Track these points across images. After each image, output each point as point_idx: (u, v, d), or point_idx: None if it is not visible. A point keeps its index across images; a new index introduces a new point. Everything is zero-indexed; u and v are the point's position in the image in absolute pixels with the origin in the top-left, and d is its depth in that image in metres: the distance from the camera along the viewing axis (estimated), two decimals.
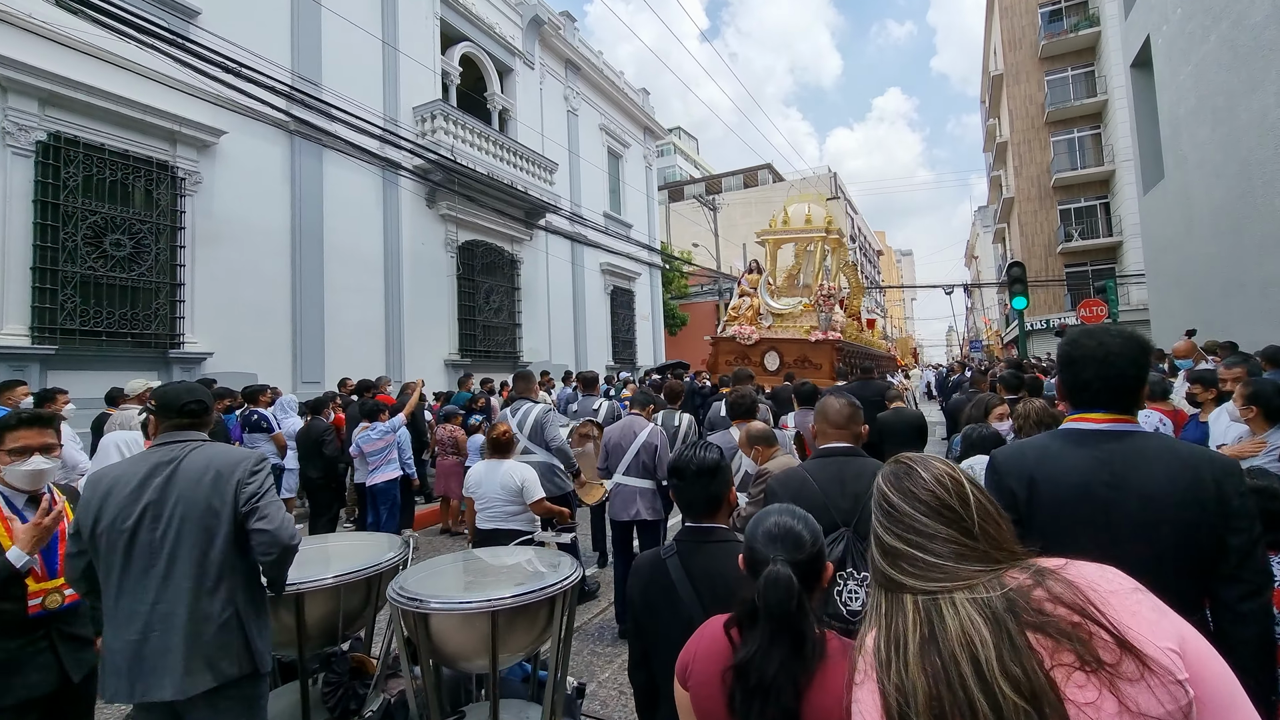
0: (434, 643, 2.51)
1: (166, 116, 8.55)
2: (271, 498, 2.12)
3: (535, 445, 5.13)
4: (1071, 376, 1.65)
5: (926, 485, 0.98)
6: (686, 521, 1.88)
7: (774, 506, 1.45)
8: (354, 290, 11.33)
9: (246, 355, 9.45)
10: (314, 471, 6.69)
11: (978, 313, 54.65)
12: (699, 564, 1.75)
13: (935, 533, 0.93)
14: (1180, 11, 10.83)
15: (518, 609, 2.49)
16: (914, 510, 0.96)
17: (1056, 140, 28.26)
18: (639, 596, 1.82)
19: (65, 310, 7.62)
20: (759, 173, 48.70)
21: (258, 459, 2.19)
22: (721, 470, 1.87)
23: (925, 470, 1.00)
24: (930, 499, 0.96)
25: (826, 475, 2.29)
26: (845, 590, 2.12)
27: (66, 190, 7.71)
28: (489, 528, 3.86)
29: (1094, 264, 27.21)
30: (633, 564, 1.91)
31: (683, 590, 1.72)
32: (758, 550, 1.33)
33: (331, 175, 11.00)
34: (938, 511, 0.95)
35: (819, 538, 1.37)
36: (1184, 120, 11.09)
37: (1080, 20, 27.44)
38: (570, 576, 2.67)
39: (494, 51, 15.21)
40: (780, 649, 1.20)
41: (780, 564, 1.26)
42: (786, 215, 11.51)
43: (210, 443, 2.24)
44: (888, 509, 1.00)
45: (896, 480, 1.01)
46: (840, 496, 2.22)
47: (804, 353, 9.83)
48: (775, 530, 1.34)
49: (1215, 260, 10.22)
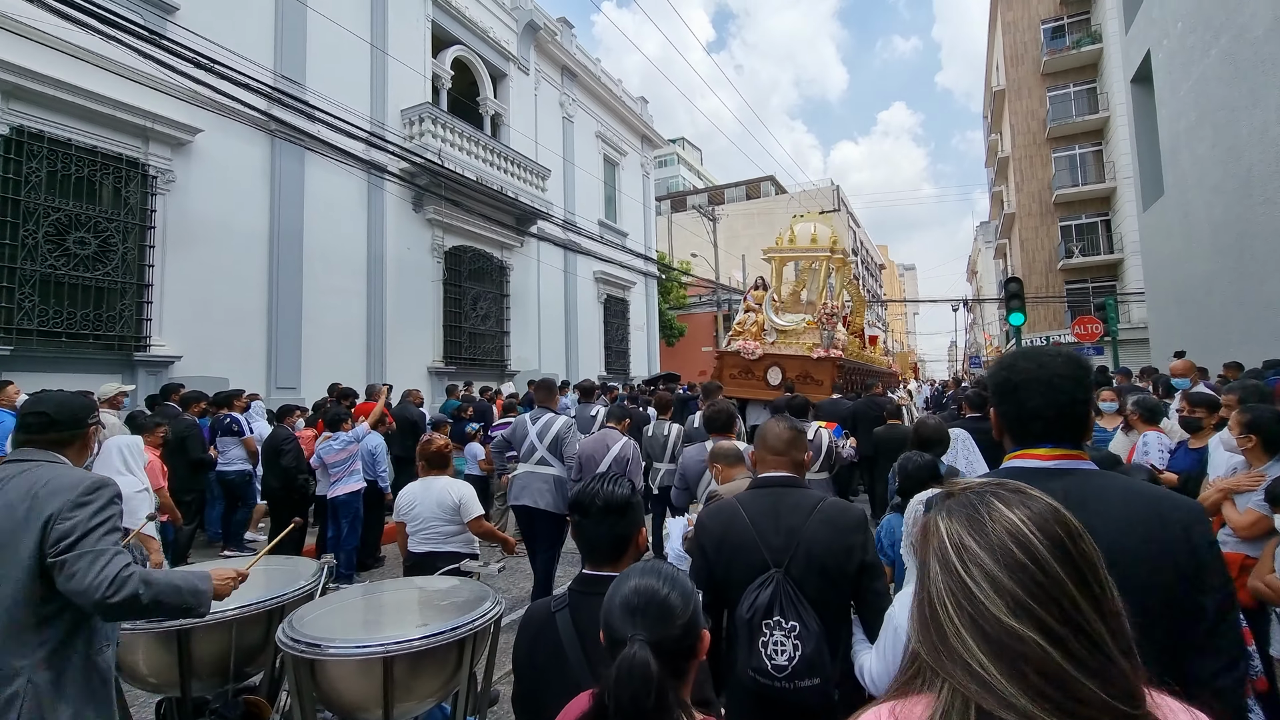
0: (324, 691, 2.23)
1: (138, 113, 8.33)
2: (91, 543, 1.72)
3: (553, 458, 5.04)
4: (1015, 406, 1.39)
5: (1063, 526, 0.68)
6: (584, 568, 1.61)
7: (637, 565, 1.18)
8: (334, 294, 11.08)
9: (218, 359, 9.18)
10: (274, 481, 6.43)
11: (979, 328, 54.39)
12: (592, 621, 1.45)
13: (1083, 620, 0.64)
14: (1181, 26, 10.63)
15: (423, 653, 2.21)
16: (1052, 569, 0.66)
17: (1058, 156, 28.08)
18: (524, 657, 1.56)
19: (23, 310, 7.37)
20: (762, 184, 48.61)
21: (92, 486, 1.82)
22: (631, 509, 1.62)
23: (1039, 499, 0.71)
24: (1069, 548, 0.67)
25: (759, 508, 1.99)
26: (771, 641, 1.83)
27: (29, 186, 7.48)
28: (424, 550, 3.58)
29: (1094, 281, 26.96)
30: (523, 616, 1.64)
31: (571, 652, 1.46)
32: (613, 626, 1.07)
33: (313, 176, 10.78)
34: (1081, 579, 0.66)
35: (692, 602, 1.10)
36: (1184, 136, 10.86)
37: (1082, 37, 27.33)
38: (487, 615, 2.39)
39: (487, 56, 15.04)
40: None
41: (638, 645, 1.00)
42: (793, 234, 11.61)
43: (55, 465, 1.89)
44: (1005, 555, 0.67)
45: (1004, 508, 0.70)
46: (773, 532, 1.93)
47: (806, 369, 9.94)
48: (635, 599, 1.07)
49: (1215, 278, 9.96)
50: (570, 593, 1.57)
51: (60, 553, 1.70)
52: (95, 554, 1.72)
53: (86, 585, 1.68)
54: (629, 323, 20.85)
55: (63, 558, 1.69)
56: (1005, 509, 0.70)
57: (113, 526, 1.81)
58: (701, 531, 2.06)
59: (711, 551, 1.99)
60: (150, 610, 1.81)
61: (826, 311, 10.49)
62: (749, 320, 11.13)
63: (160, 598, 1.81)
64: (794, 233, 11.66)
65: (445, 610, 2.50)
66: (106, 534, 1.78)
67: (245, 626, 2.54)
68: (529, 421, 5.20)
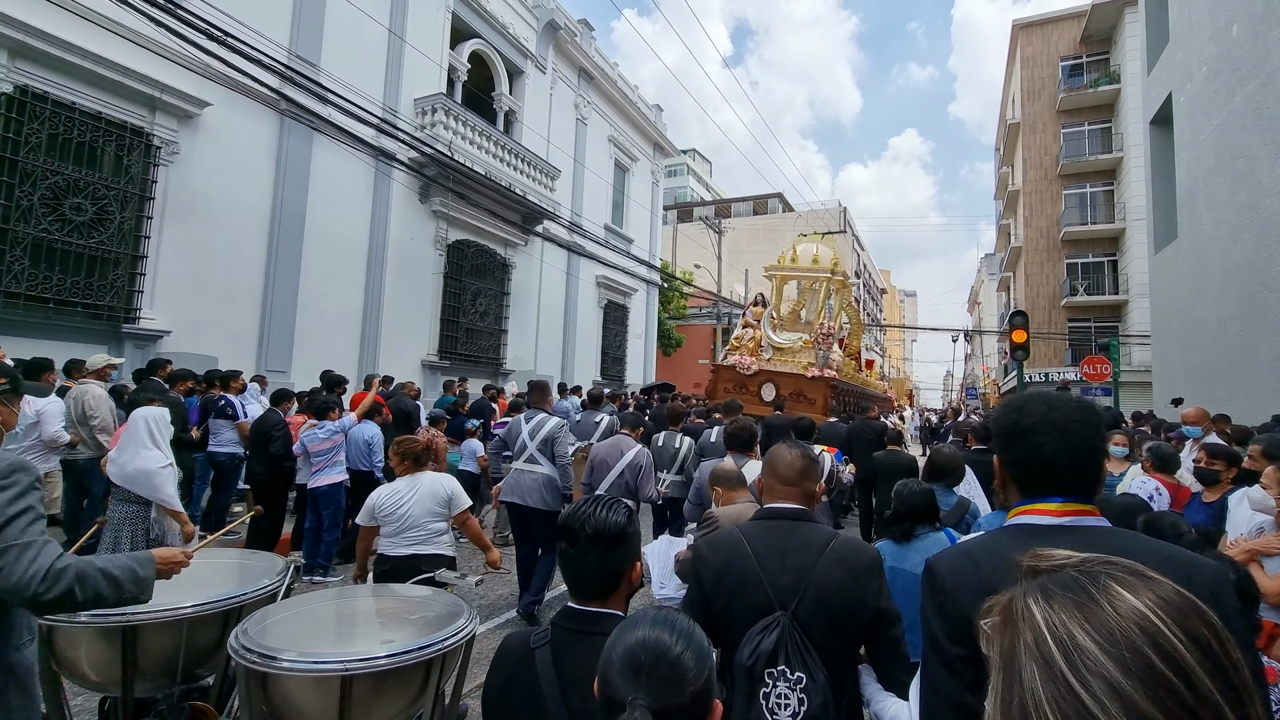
0: (275, 705, 2.05)
1: (147, 81, 8.18)
2: (14, 534, 1.54)
3: (543, 457, 5.14)
4: (1026, 452, 1.23)
5: (1205, 622, 0.51)
6: (571, 601, 1.41)
7: (648, 614, 0.99)
8: (333, 279, 10.91)
9: (208, 337, 8.99)
10: (259, 467, 6.28)
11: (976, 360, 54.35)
12: (577, 662, 1.28)
13: None
14: (1205, 70, 10.56)
15: (385, 672, 2.03)
16: (1200, 680, 0.48)
17: (1069, 193, 28.07)
18: (495, 696, 1.37)
19: (12, 272, 7.18)
20: (769, 201, 48.64)
21: (7, 470, 1.61)
22: (625, 540, 1.40)
23: (1164, 584, 0.54)
24: (1215, 652, 0.50)
25: (765, 543, 1.80)
26: (774, 693, 1.64)
27: (28, 147, 7.31)
28: (406, 552, 3.38)
29: (1097, 321, 26.90)
30: (498, 650, 1.45)
31: (550, 696, 1.28)
32: (612, 682, 0.90)
33: (320, 159, 10.62)
34: (1232, 691, 0.49)
35: (707, 666, 0.92)
36: (1202, 181, 10.77)
37: (1101, 76, 27.38)
38: (459, 634, 2.21)
39: (505, 51, 14.94)
40: None
41: (639, 713, 0.84)
42: (795, 253, 11.74)
43: None
44: (1144, 662, 0.49)
45: (1129, 595, 0.53)
46: (780, 571, 1.73)
47: (799, 387, 10.05)
48: (641, 654, 0.90)
49: (1225, 326, 9.84)
50: (553, 628, 1.38)
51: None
52: (22, 547, 1.55)
53: (16, 582, 1.52)
54: (628, 329, 20.70)
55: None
56: (1129, 595, 0.52)
57: (36, 515, 1.63)
58: (700, 563, 1.86)
59: (709, 586, 1.81)
60: (88, 604, 1.66)
61: (823, 332, 10.65)
62: (746, 336, 11.30)
63: (99, 590, 1.65)
64: (796, 252, 11.78)
65: (415, 625, 2.33)
66: (31, 523, 1.60)
67: (198, 626, 2.35)
68: (523, 421, 5.28)
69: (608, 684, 0.92)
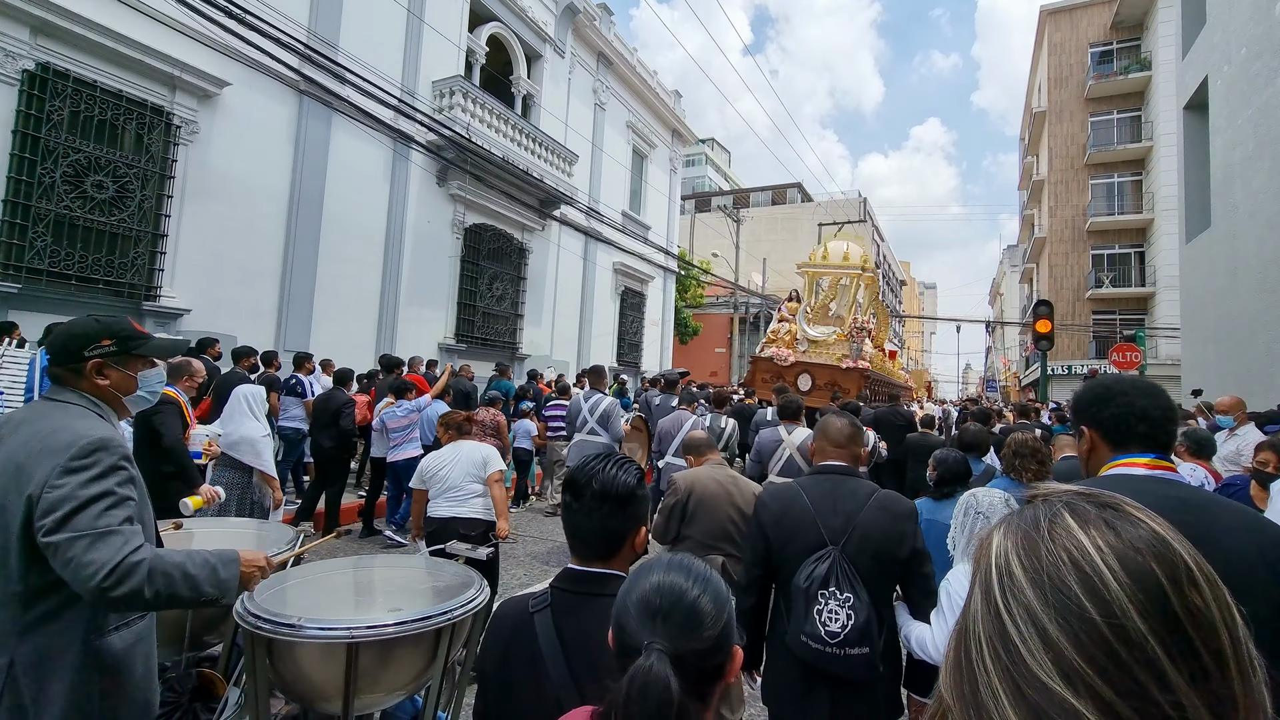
0: (281, 673, 2.01)
1: (168, 60, 8.18)
2: (87, 521, 1.43)
3: (600, 429, 6.17)
4: (1124, 408, 1.40)
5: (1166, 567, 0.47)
6: (571, 562, 1.35)
7: (663, 558, 0.95)
8: (350, 261, 10.92)
9: (228, 316, 9.04)
10: (327, 441, 6.69)
11: (997, 352, 53.62)
12: (579, 626, 1.23)
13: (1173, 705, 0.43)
14: (1245, 52, 10.19)
15: (393, 640, 1.98)
16: (1134, 626, 0.44)
17: (1095, 183, 27.47)
18: (494, 665, 1.30)
19: (35, 248, 7.24)
20: (788, 191, 48.12)
21: (88, 448, 1.51)
22: (633, 501, 1.33)
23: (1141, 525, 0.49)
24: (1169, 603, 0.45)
25: (819, 492, 2.16)
26: (826, 609, 1.97)
27: (50, 124, 7.34)
28: (447, 514, 3.73)
29: (1123, 313, 26.37)
30: (495, 612, 1.39)
31: (551, 661, 1.21)
32: (627, 628, 0.87)
33: (339, 141, 10.61)
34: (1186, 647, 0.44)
35: (726, 611, 0.90)
36: (1239, 166, 10.43)
37: (1131, 63, 26.69)
38: (470, 604, 2.16)
39: (524, 35, 14.82)
40: None
41: (656, 657, 0.81)
42: (826, 251, 12.46)
43: (66, 410, 1.60)
44: (1060, 600, 0.47)
45: (1079, 531, 0.49)
46: (831, 514, 2.09)
47: (834, 377, 10.65)
48: (656, 599, 0.87)
49: (1261, 317, 9.55)
50: (552, 590, 1.31)
51: (49, 531, 1.42)
52: (93, 536, 1.43)
53: (82, 575, 1.41)
54: (644, 316, 20.60)
55: (54, 539, 1.42)
56: (1076, 528, 0.49)
57: (116, 499, 1.51)
58: (762, 508, 2.24)
59: (770, 528, 2.16)
60: (162, 603, 1.52)
61: (857, 325, 11.29)
62: (782, 329, 11.96)
63: (174, 590, 1.51)
64: (827, 250, 12.50)
65: (425, 595, 2.28)
66: (108, 509, 1.48)
67: None
68: (582, 400, 6.37)
69: (623, 630, 0.88)
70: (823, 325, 11.89)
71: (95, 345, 1.68)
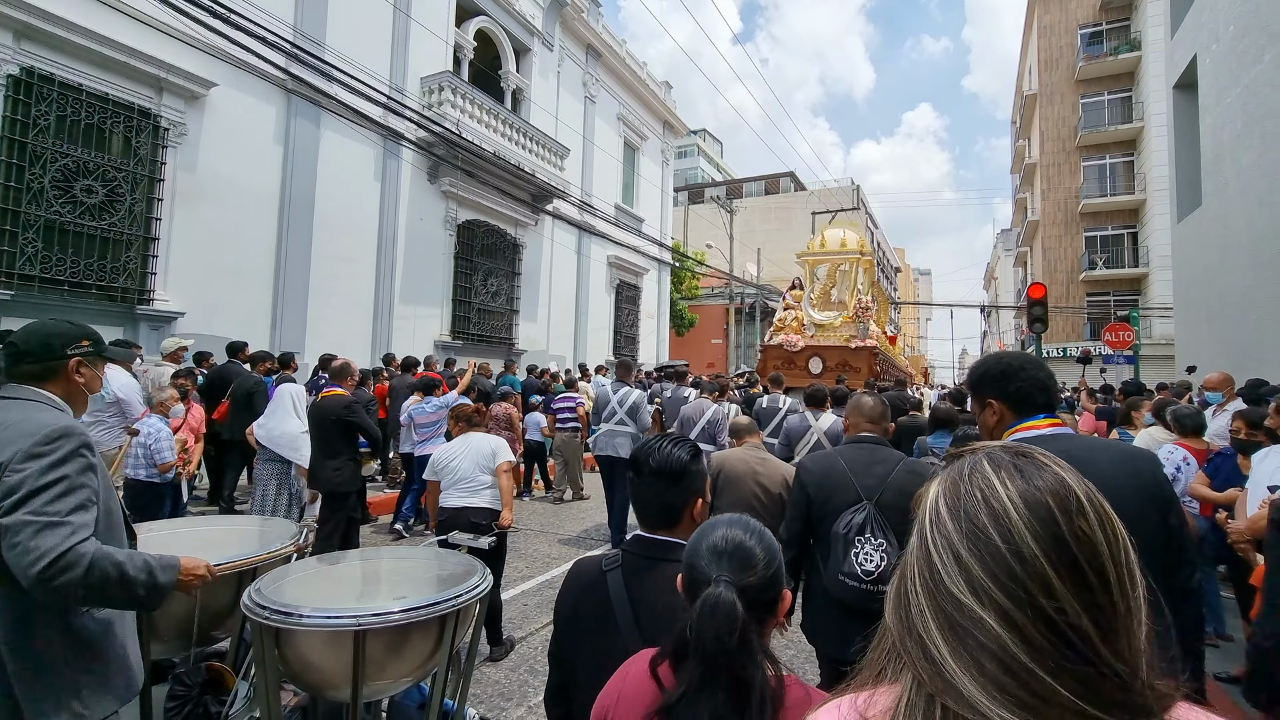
0: (290, 663, 2.03)
1: (153, 62, 8.13)
2: (38, 506, 1.46)
3: (629, 420, 6.51)
4: (1026, 381, 1.70)
5: (1058, 499, 0.56)
6: (640, 530, 1.52)
7: (724, 517, 1.17)
8: (344, 260, 10.90)
9: (223, 318, 9.02)
10: None
11: (992, 337, 53.79)
12: (646, 585, 1.42)
13: (1058, 611, 0.52)
14: (1233, 29, 10.21)
15: (399, 627, 2.00)
16: (1027, 547, 0.54)
17: (1087, 165, 27.50)
18: (567, 613, 1.50)
19: (25, 255, 7.21)
20: (781, 180, 48.06)
21: (52, 434, 1.54)
22: (688, 476, 1.49)
23: (1046, 470, 0.59)
24: (1059, 529, 0.55)
25: (855, 457, 2.53)
26: (862, 552, 2.32)
27: (37, 129, 7.30)
28: (458, 504, 3.80)
29: (1116, 294, 26.44)
30: (569, 571, 1.56)
31: (620, 615, 1.40)
32: (698, 567, 1.08)
33: (328, 140, 10.57)
34: (1070, 564, 0.53)
35: (776, 558, 1.11)
36: (1228, 144, 10.46)
37: (1121, 44, 26.68)
38: (472, 591, 2.18)
39: (511, 29, 14.75)
40: (713, 696, 0.95)
41: (723, 586, 1.01)
42: (824, 239, 13.03)
43: (29, 404, 1.63)
44: (970, 529, 0.56)
45: (993, 476, 0.59)
46: (866, 475, 2.45)
47: (844, 358, 11.10)
48: (722, 544, 1.10)
49: (1252, 294, 9.60)
50: (623, 553, 1.49)
51: (4, 513, 1.45)
52: (41, 524, 1.45)
53: (24, 560, 1.41)
54: (640, 309, 20.60)
55: (4, 521, 1.44)
56: (990, 474, 0.59)
57: (70, 485, 1.52)
58: (804, 471, 2.61)
59: (812, 488, 2.52)
60: (93, 599, 1.52)
61: (861, 306, 11.75)
62: (789, 317, 12.45)
63: (107, 588, 1.51)
64: (825, 238, 13.03)
65: (430, 583, 2.30)
66: (60, 495, 1.50)
67: (212, 588, 2.31)
68: (611, 392, 6.72)
69: (694, 569, 1.08)
70: (826, 310, 12.44)
71: (76, 344, 1.77)
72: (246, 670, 2.43)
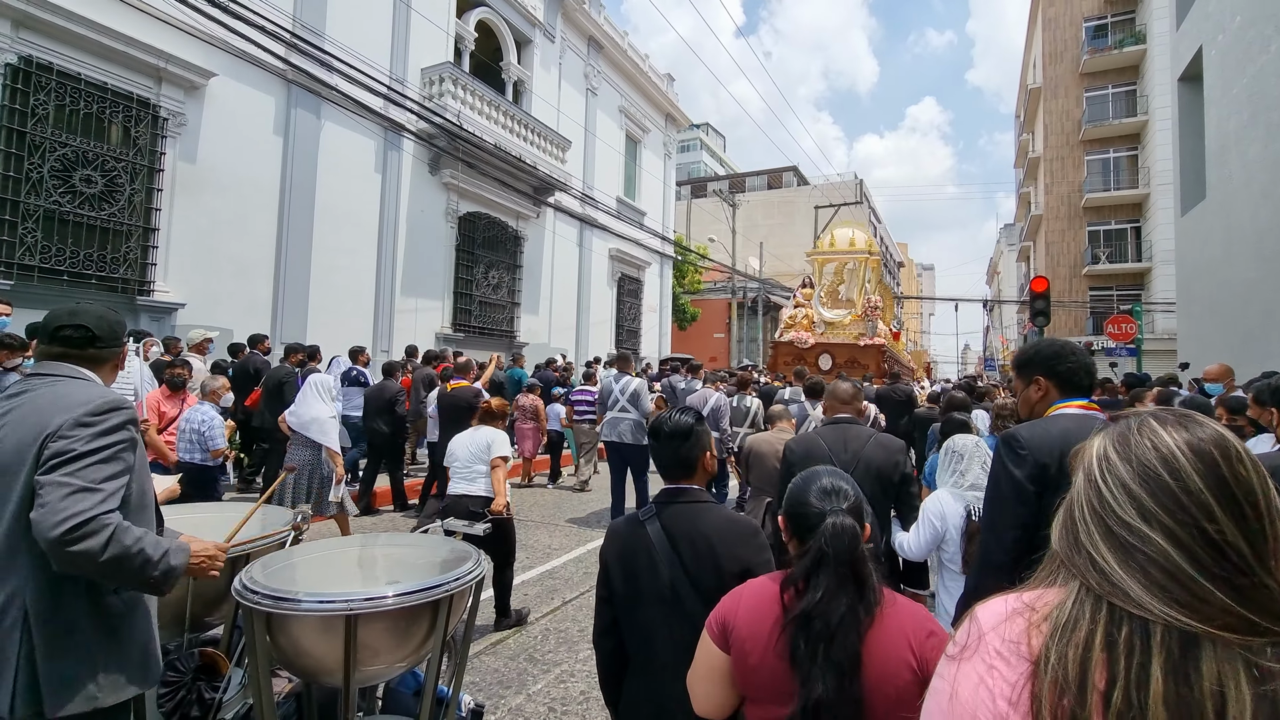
0: (282, 649, 2.01)
1: (152, 51, 8.11)
2: (73, 470, 1.47)
3: (631, 406, 6.95)
4: (1075, 364, 1.88)
5: (1220, 449, 0.67)
6: (665, 484, 1.87)
7: (819, 470, 1.47)
8: (345, 252, 10.88)
9: (223, 310, 9.02)
10: (384, 427, 7.24)
11: (995, 332, 53.67)
12: (677, 525, 1.75)
13: (1219, 533, 0.64)
14: (1239, 20, 10.12)
15: (391, 612, 1.99)
16: (1193, 483, 0.65)
17: (1091, 159, 27.36)
18: (615, 558, 1.81)
19: (25, 245, 7.21)
20: (784, 175, 47.89)
21: (104, 406, 1.58)
22: (695, 434, 1.85)
23: (1208, 427, 0.69)
24: (1221, 471, 0.66)
25: (832, 436, 2.87)
26: None
27: (35, 119, 7.29)
28: (459, 491, 4.05)
29: (1120, 289, 26.35)
30: (609, 528, 1.90)
31: (662, 552, 1.72)
32: (811, 506, 1.37)
33: (329, 131, 10.54)
34: (1231, 498, 0.65)
35: (858, 492, 1.43)
36: (1234, 136, 10.39)
37: (1126, 37, 26.49)
38: (466, 576, 2.16)
39: (513, 20, 14.68)
40: (845, 594, 1.24)
41: (842, 515, 1.31)
42: (833, 238, 13.40)
43: (82, 382, 1.67)
44: (1141, 469, 0.68)
45: (1160, 430, 0.70)
46: (842, 451, 2.76)
47: (853, 355, 11.43)
48: (829, 485, 1.40)
49: (1256, 287, 9.54)
50: (656, 504, 1.81)
51: (44, 474, 1.46)
52: (74, 487, 1.45)
53: (49, 520, 1.41)
54: (642, 303, 20.57)
55: (41, 479, 1.45)
56: (1158, 428, 0.70)
57: (113, 455, 1.55)
58: (789, 451, 2.92)
59: (796, 464, 2.69)
60: (105, 573, 1.50)
61: (870, 305, 12.07)
62: (800, 314, 12.70)
63: (123, 562, 1.48)
64: (834, 237, 13.38)
65: (424, 569, 2.29)
66: (100, 463, 1.52)
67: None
68: (613, 382, 7.15)
69: (806, 507, 1.37)
70: (835, 308, 12.76)
71: (126, 335, 1.85)
72: (240, 656, 2.42)
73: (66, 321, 1.72)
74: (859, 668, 1.20)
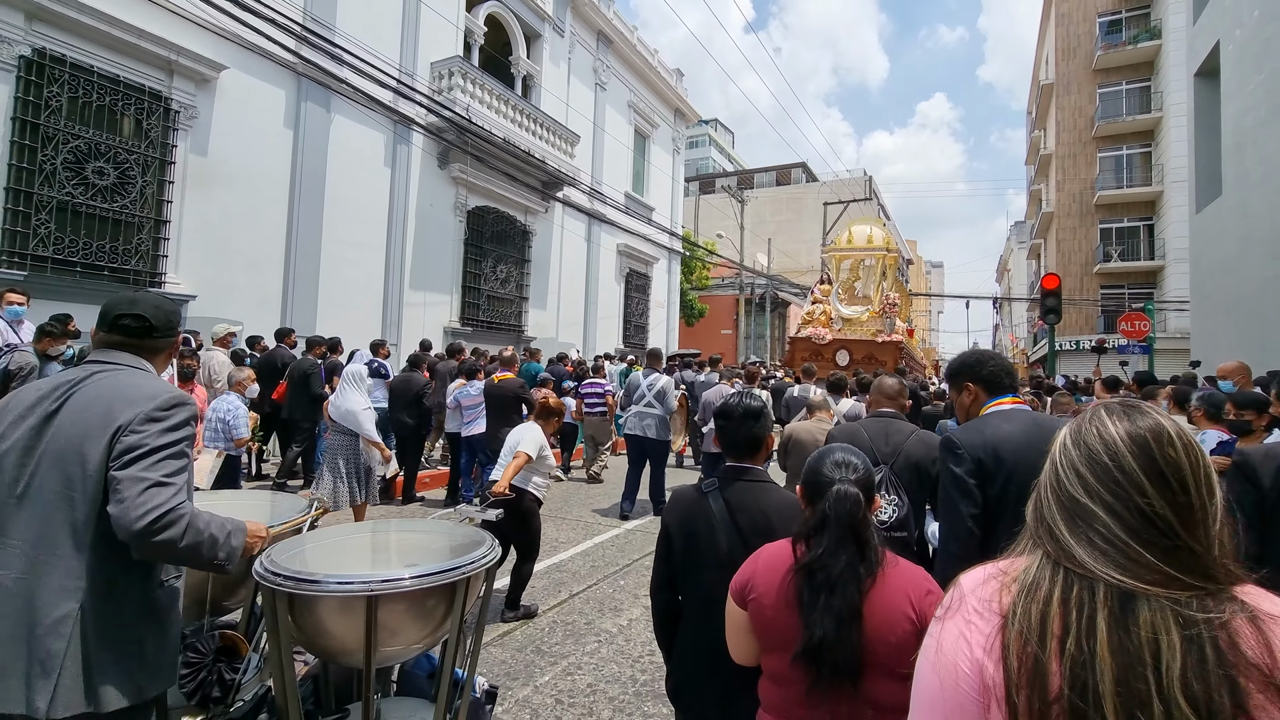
0: (303, 630, 2.02)
1: (164, 44, 8.14)
2: (149, 465, 1.51)
3: (657, 403, 7.18)
4: (996, 367, 2.18)
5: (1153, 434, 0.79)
6: (729, 461, 2.03)
7: (835, 445, 1.64)
8: (354, 245, 10.91)
9: (234, 302, 9.06)
10: (410, 418, 7.36)
11: (1005, 329, 53.38)
12: (738, 499, 1.91)
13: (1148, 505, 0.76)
14: (1258, 14, 10.00)
15: (410, 594, 1.99)
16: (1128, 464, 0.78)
17: (1104, 156, 27.12)
18: (677, 524, 1.97)
19: (38, 236, 7.25)
20: (793, 171, 47.74)
21: (171, 401, 1.61)
22: (764, 416, 2.02)
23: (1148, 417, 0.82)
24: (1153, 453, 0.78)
25: (875, 429, 2.91)
26: None
27: (49, 110, 7.33)
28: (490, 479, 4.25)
29: (1131, 287, 26.13)
30: (672, 495, 2.07)
31: (721, 521, 1.88)
32: (823, 475, 1.52)
33: (339, 124, 10.57)
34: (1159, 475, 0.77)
35: (871, 470, 1.58)
36: (1251, 132, 10.27)
37: (1140, 32, 26.24)
38: (481, 560, 2.17)
39: (522, 14, 14.66)
40: (846, 552, 1.39)
41: (848, 484, 1.46)
42: (851, 235, 13.52)
43: (140, 372, 1.69)
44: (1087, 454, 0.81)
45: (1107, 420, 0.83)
46: (884, 444, 2.80)
47: (871, 351, 11.61)
48: (840, 459, 1.55)
49: (1272, 284, 9.44)
50: (719, 478, 1.97)
51: (120, 466, 1.51)
52: (151, 482, 1.50)
53: (131, 515, 1.46)
54: (649, 298, 20.55)
55: (118, 474, 1.49)
56: (1105, 417, 0.83)
57: (181, 450, 1.61)
58: (831, 439, 2.92)
59: None
60: (182, 558, 1.59)
61: (889, 302, 12.21)
62: (817, 311, 12.87)
63: (198, 548, 1.57)
64: (852, 234, 13.48)
65: (439, 553, 2.30)
66: (171, 457, 1.57)
67: None
68: (641, 377, 7.39)
69: (819, 476, 1.52)
70: (852, 305, 12.86)
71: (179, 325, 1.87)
72: (258, 640, 2.43)
73: (126, 310, 1.73)
74: (858, 617, 1.35)
